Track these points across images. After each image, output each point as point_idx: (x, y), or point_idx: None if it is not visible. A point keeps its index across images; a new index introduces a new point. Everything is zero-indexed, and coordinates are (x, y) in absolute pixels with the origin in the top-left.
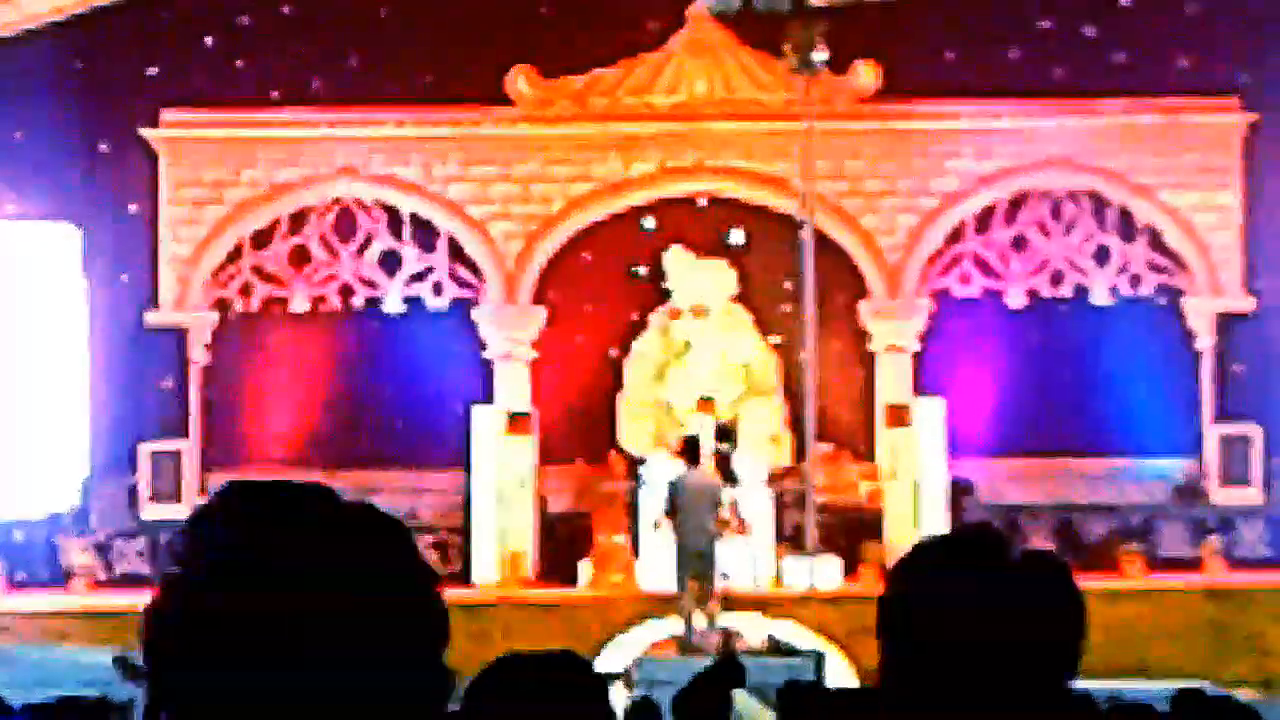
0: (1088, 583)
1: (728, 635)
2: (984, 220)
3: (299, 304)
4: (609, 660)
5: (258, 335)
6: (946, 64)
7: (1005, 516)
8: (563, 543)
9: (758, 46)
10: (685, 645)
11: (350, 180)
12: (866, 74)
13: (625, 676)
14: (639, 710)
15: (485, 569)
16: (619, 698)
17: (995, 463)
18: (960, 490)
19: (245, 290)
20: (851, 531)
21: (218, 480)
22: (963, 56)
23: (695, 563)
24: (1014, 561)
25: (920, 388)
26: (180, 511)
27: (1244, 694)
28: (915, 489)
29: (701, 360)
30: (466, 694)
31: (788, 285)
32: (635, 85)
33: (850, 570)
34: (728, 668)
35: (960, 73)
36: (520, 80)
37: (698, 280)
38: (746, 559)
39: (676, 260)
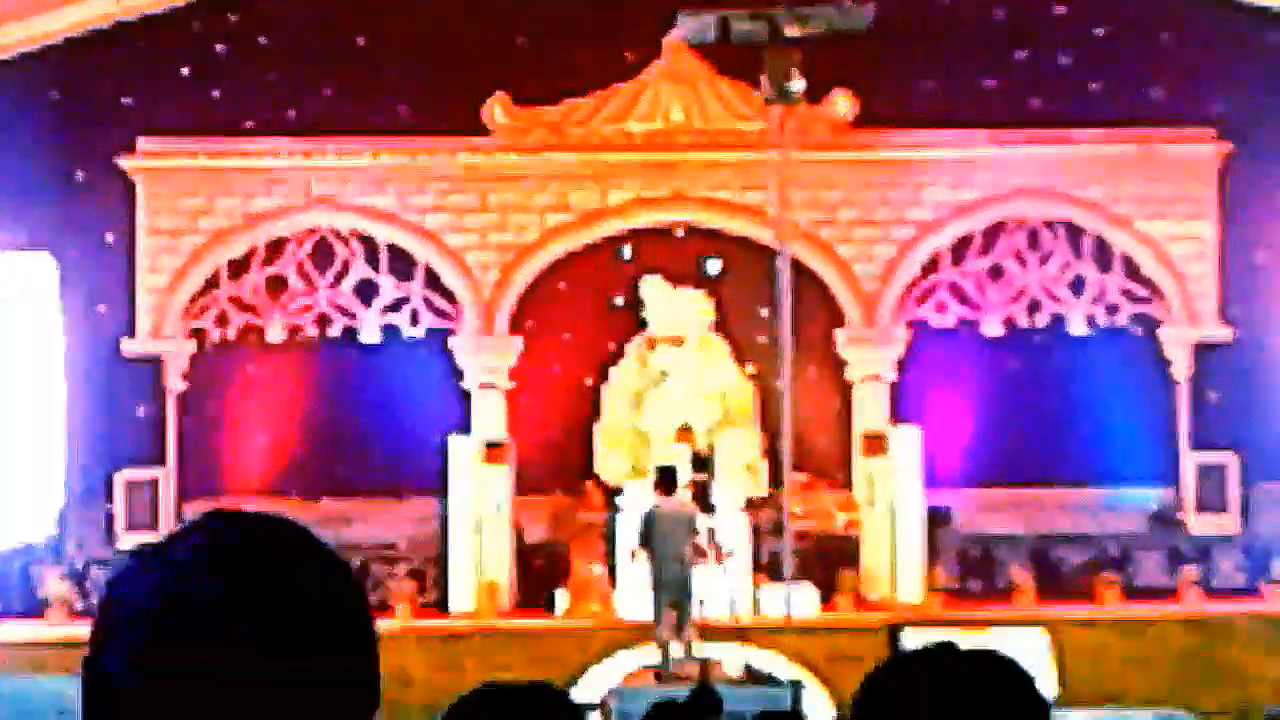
0: (1064, 611)
1: (705, 664)
2: (960, 250)
3: (275, 333)
4: (586, 690)
5: (234, 364)
6: (923, 93)
7: (982, 545)
8: (539, 572)
9: (734, 76)
10: (662, 675)
11: (326, 210)
12: (843, 103)
13: (603, 707)
14: None
15: (462, 598)
16: None
17: (972, 492)
18: (937, 519)
19: (221, 319)
20: (828, 560)
21: (194, 509)
22: (939, 86)
23: (671, 592)
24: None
25: (897, 417)
26: (155, 540)
27: None
28: (892, 517)
29: (678, 389)
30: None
31: (764, 314)
32: (612, 115)
33: (827, 599)
34: (704, 697)
35: (936, 102)
36: (497, 110)
37: (674, 309)
38: (723, 588)
39: (653, 289)
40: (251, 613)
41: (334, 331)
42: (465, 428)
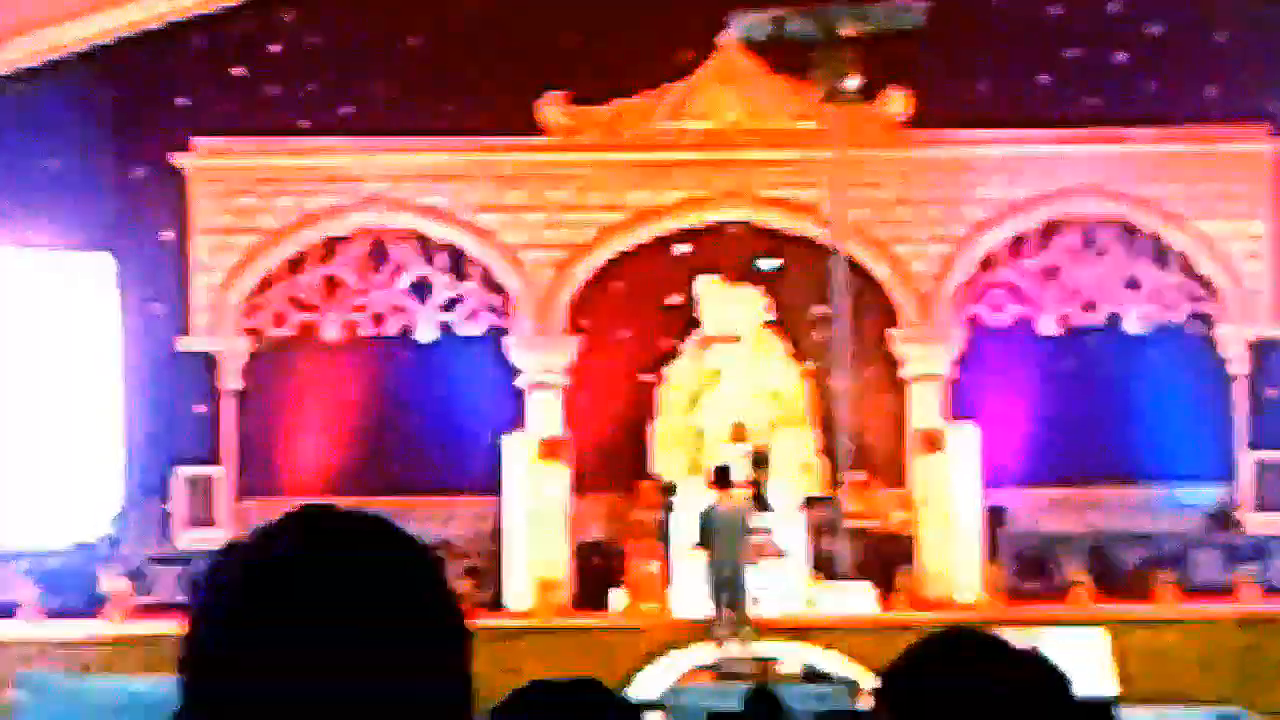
0: (1122, 610)
1: (763, 663)
2: (1016, 248)
3: (331, 331)
4: (643, 688)
5: (290, 362)
6: (977, 92)
7: (1039, 544)
8: (596, 571)
9: (788, 74)
10: (721, 673)
11: (381, 209)
12: (897, 102)
13: (663, 707)
14: None
15: (518, 596)
16: None
17: (1028, 491)
18: (994, 518)
19: (278, 318)
20: (885, 559)
21: (251, 506)
22: (993, 85)
23: (728, 590)
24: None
25: (953, 415)
26: (214, 537)
27: None
28: (949, 516)
29: (733, 388)
30: (491, 716)
31: (820, 312)
32: (666, 113)
33: (884, 598)
34: (763, 696)
35: (990, 101)
36: (551, 108)
37: (729, 308)
38: (779, 586)
39: (708, 288)
40: (351, 607)
41: (390, 330)
42: (520, 426)
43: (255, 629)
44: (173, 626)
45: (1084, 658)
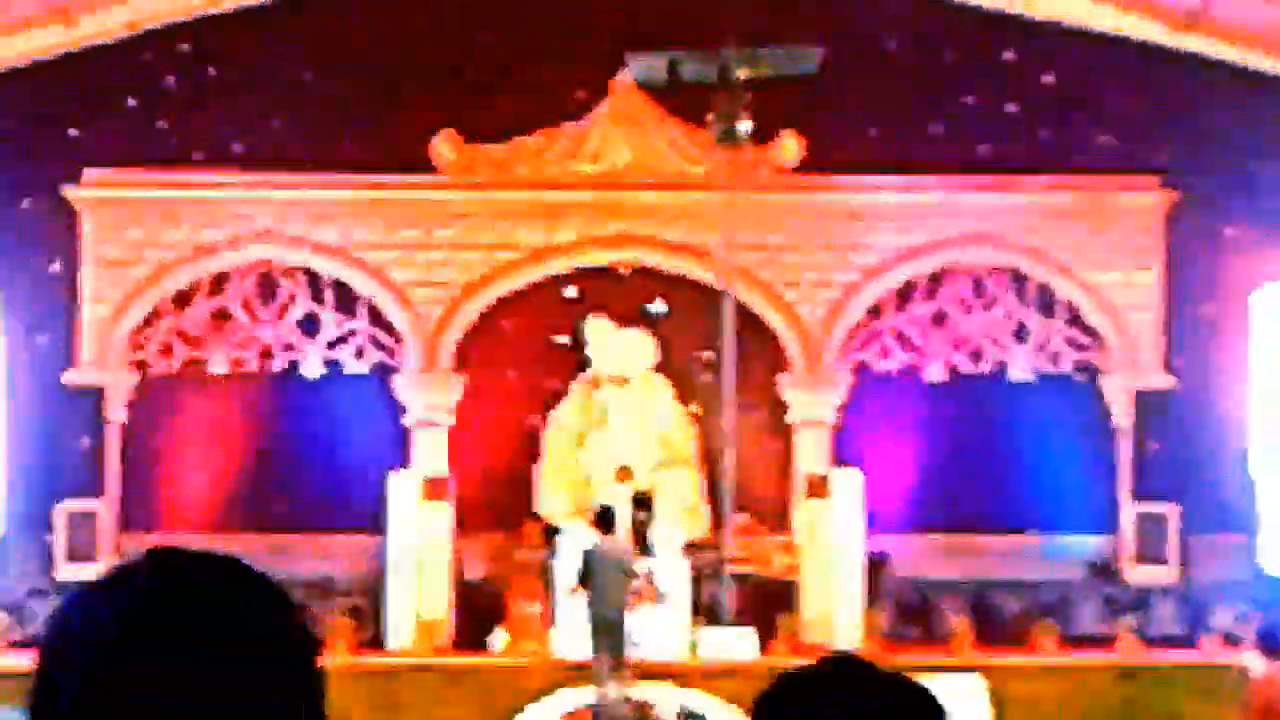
0: (1002, 659)
1: (641, 706)
2: (905, 295)
3: (218, 366)
4: None
5: (177, 396)
6: (870, 138)
7: (921, 591)
8: (478, 611)
9: (683, 117)
10: (600, 715)
11: (272, 243)
12: (790, 146)
13: None
14: None
15: (400, 635)
16: None
17: (912, 537)
18: (877, 564)
19: (165, 351)
20: (768, 603)
21: (133, 541)
22: (886, 131)
23: (608, 632)
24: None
25: (838, 461)
26: (95, 572)
27: None
28: (831, 562)
29: (620, 429)
30: None
31: (707, 356)
32: (559, 153)
33: (765, 642)
34: None
35: (883, 147)
36: (444, 146)
37: (617, 349)
38: (660, 630)
39: (596, 329)
40: (201, 649)
41: (277, 365)
42: (406, 464)
43: (104, 669)
44: None
45: (963, 706)
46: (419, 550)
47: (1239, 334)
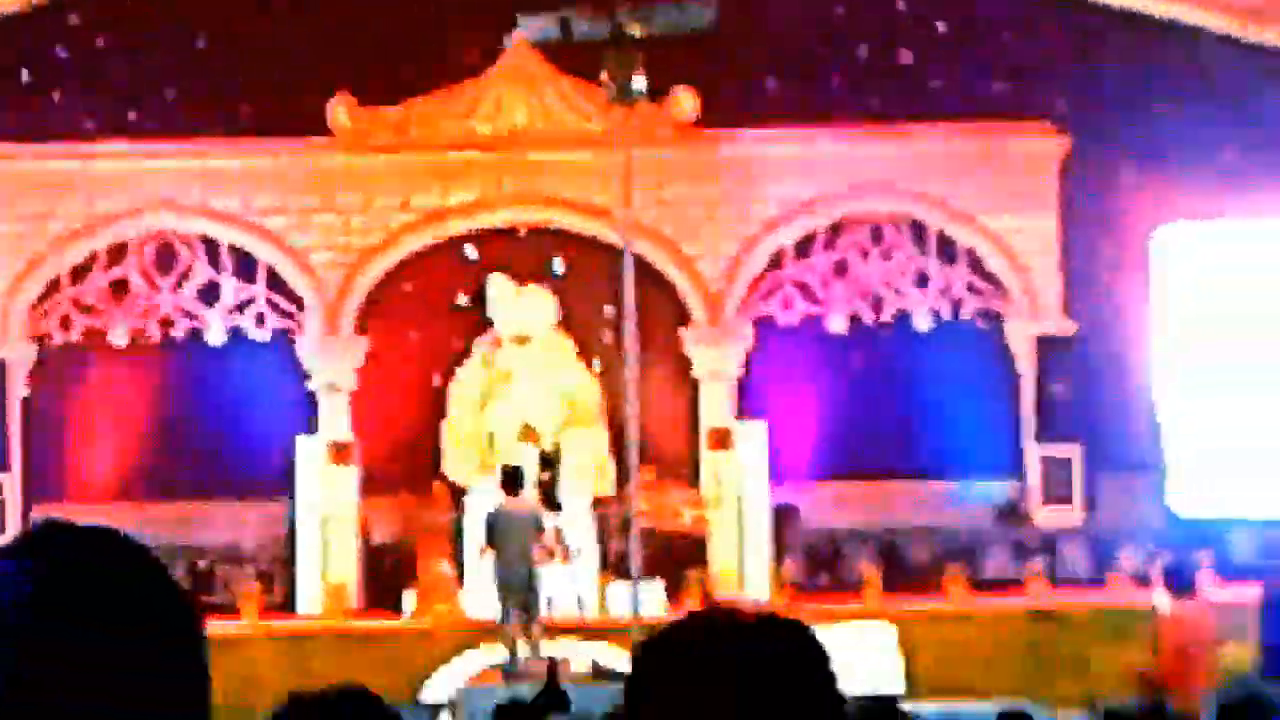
0: (912, 606)
1: (552, 663)
2: (805, 247)
3: (119, 337)
4: (434, 689)
5: (78, 368)
6: (766, 92)
7: (829, 540)
8: (387, 573)
9: (577, 75)
10: (510, 673)
11: (169, 212)
12: (686, 102)
13: (451, 706)
14: None
15: (309, 600)
16: None
17: (819, 487)
18: (784, 514)
19: (65, 323)
20: (676, 558)
21: (41, 512)
22: (781, 84)
23: (518, 591)
24: (752, 639)
25: (743, 413)
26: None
27: (1066, 714)
28: (739, 514)
29: (524, 389)
30: None
31: (610, 312)
32: (455, 115)
33: (674, 596)
34: (551, 695)
35: (779, 101)
36: (339, 111)
37: (519, 309)
38: (570, 586)
39: (498, 289)
40: (73, 620)
41: (178, 334)
42: (311, 429)
43: None
44: None
45: (873, 653)
46: (326, 514)
47: (1139, 276)
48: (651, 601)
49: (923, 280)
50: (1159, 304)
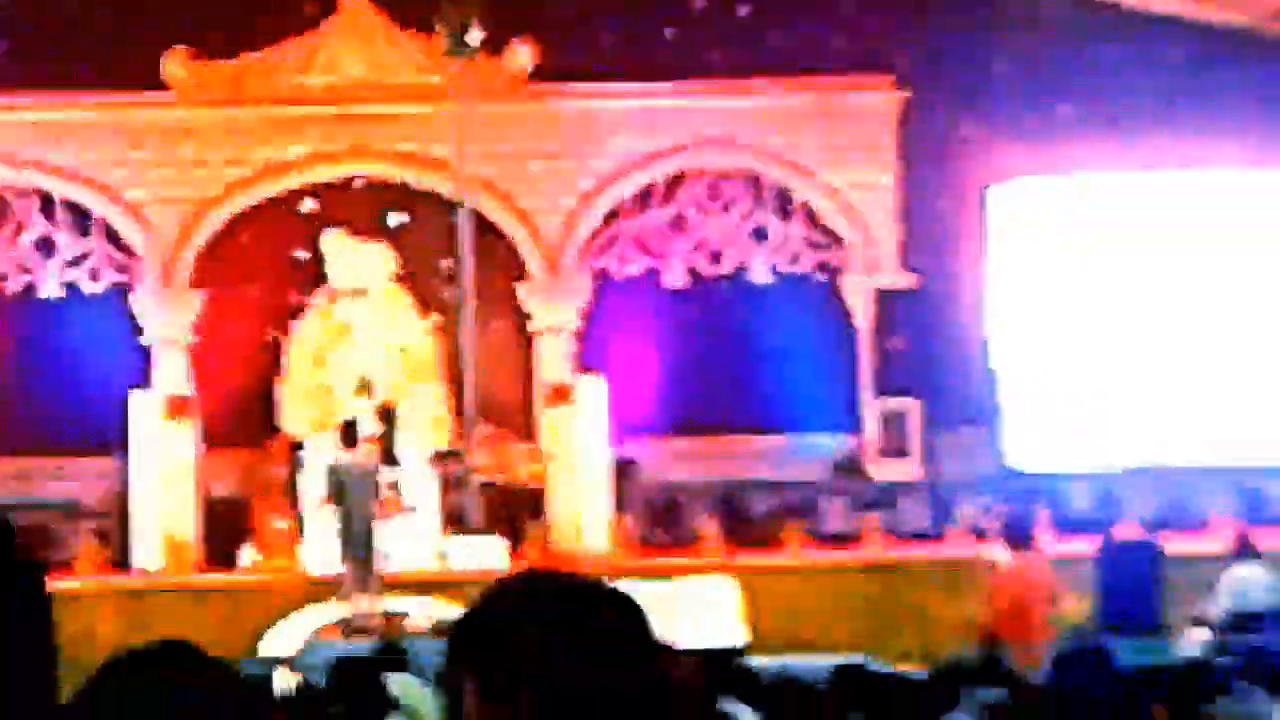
0: (752, 559)
1: (391, 618)
2: (642, 200)
3: None
4: (273, 645)
5: None
6: (603, 45)
7: (668, 494)
8: (225, 528)
9: (413, 28)
10: (349, 628)
11: (2, 166)
12: (522, 54)
13: (290, 662)
14: (301, 694)
15: (147, 555)
16: (283, 682)
17: (658, 441)
18: (623, 469)
19: None
20: (516, 512)
21: None
22: (618, 37)
23: (357, 546)
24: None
25: (582, 367)
26: None
27: (905, 667)
28: (577, 468)
29: (362, 343)
30: (78, 695)
31: (448, 266)
32: (290, 68)
33: (515, 550)
34: (390, 650)
35: (617, 54)
36: (175, 64)
37: (356, 262)
38: (408, 541)
39: (334, 243)
40: None
41: (13, 288)
42: (147, 385)
43: None
44: None
45: (714, 608)
46: (163, 469)
47: (975, 231)
48: (491, 556)
49: (760, 234)
50: (996, 259)
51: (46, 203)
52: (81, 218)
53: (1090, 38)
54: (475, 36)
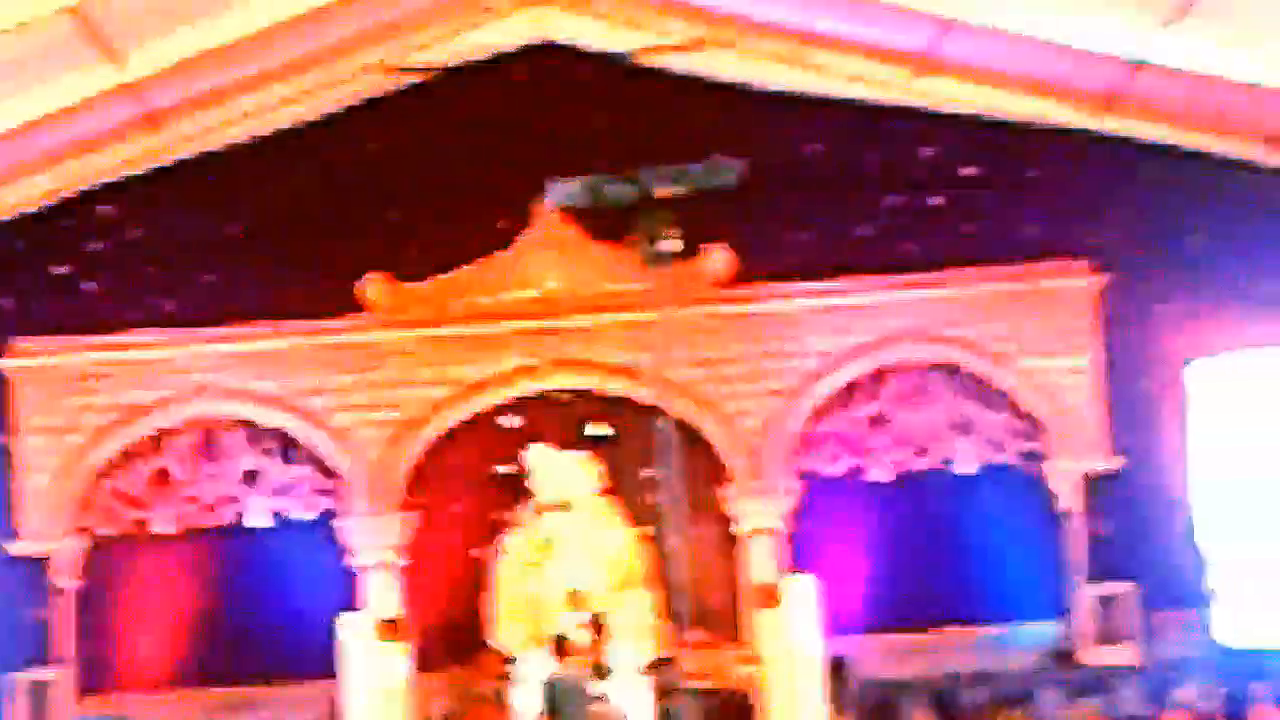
0: None
1: None
2: (845, 398)
3: (163, 525)
4: None
5: (125, 558)
6: (798, 245)
7: (882, 691)
8: None
9: (608, 239)
10: None
11: (209, 398)
12: (717, 259)
13: None
14: None
15: None
16: None
17: (869, 638)
18: (836, 667)
19: (109, 514)
20: (729, 717)
21: (92, 704)
22: (813, 237)
23: None
24: None
25: (790, 568)
26: None
27: None
28: (790, 670)
29: (569, 555)
30: None
31: (651, 474)
32: (488, 285)
33: None
34: None
35: (812, 253)
36: (374, 287)
37: (560, 474)
38: None
39: (538, 456)
40: None
41: (227, 518)
42: (357, 608)
43: None
44: None
45: None
46: (376, 691)
47: (1176, 410)
48: None
49: (964, 425)
50: (1196, 435)
51: (253, 433)
52: (288, 446)
53: None
54: (670, 245)
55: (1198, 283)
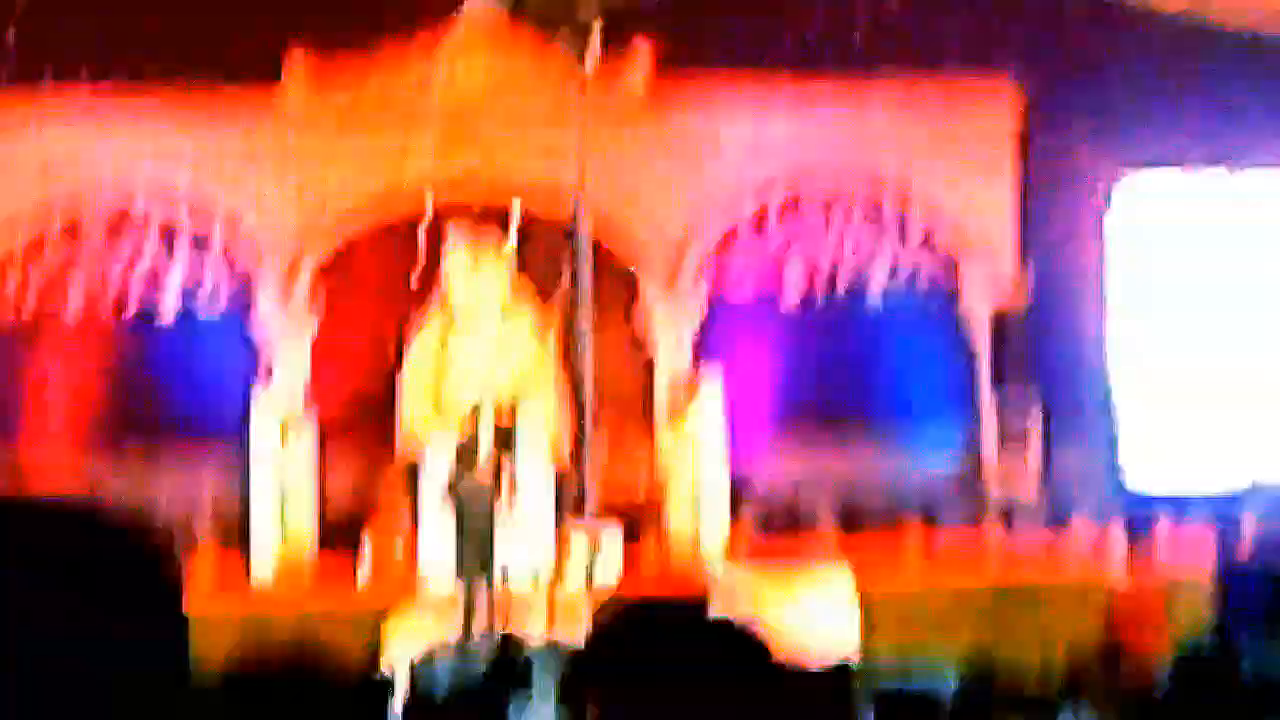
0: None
1: (508, 635)
2: (757, 225)
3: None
4: (389, 662)
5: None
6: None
7: (785, 498)
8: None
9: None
10: (464, 646)
11: (116, 191)
12: (642, 61)
13: (407, 677)
14: (419, 706)
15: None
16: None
17: (774, 453)
18: (740, 482)
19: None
20: (631, 519)
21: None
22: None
23: (475, 567)
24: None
25: (697, 384)
26: None
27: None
28: (695, 481)
29: (478, 363)
30: None
31: (564, 284)
32: (411, 86)
33: (631, 560)
34: (506, 667)
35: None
36: (295, 65)
37: (472, 283)
38: (527, 557)
39: (451, 264)
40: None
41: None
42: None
43: None
44: None
45: (833, 603)
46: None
47: (1095, 237)
48: (611, 545)
49: (877, 256)
50: (1115, 264)
51: (166, 231)
52: (200, 242)
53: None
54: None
55: (1120, 108)
